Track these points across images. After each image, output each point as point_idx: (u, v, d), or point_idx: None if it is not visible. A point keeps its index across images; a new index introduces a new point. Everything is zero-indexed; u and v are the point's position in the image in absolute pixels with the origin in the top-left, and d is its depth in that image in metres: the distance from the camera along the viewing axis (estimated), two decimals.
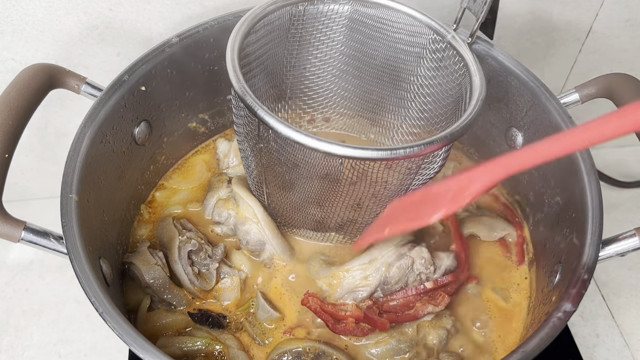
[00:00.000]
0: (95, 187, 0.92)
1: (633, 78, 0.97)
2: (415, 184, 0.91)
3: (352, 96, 1.14)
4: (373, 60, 1.06)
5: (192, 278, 0.99)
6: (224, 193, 1.07)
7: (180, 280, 0.99)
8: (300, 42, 1.03)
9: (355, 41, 1.05)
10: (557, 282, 0.92)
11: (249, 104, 0.77)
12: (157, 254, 1.01)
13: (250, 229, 1.02)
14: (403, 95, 1.06)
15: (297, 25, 1.00)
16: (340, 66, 1.09)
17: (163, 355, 0.73)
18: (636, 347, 1.19)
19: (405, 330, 0.96)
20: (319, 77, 1.10)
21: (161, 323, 0.97)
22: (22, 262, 1.32)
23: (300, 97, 1.12)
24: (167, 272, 0.99)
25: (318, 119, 1.19)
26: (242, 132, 0.90)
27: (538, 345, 0.76)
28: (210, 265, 1.01)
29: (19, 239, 0.81)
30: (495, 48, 1.04)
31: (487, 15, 0.93)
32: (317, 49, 1.06)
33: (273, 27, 0.95)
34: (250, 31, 0.88)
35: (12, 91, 0.88)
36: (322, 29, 1.03)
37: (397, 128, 1.12)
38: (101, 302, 0.77)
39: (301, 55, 1.05)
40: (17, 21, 1.09)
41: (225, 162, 1.17)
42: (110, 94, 0.96)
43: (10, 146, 0.85)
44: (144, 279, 0.97)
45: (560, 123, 0.97)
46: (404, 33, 0.99)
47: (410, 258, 0.97)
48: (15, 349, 1.19)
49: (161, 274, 0.98)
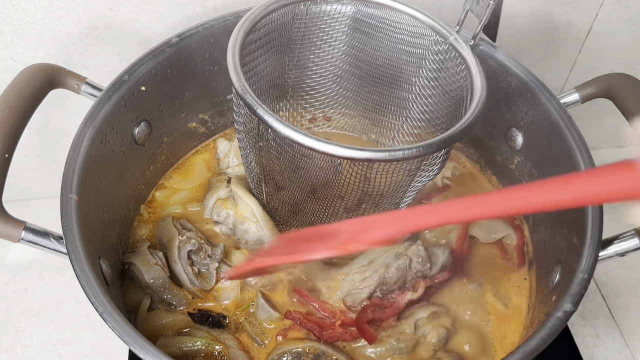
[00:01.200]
0: (95, 187, 0.92)
1: (633, 78, 0.98)
2: (414, 185, 0.92)
3: (354, 96, 1.14)
4: (375, 61, 1.06)
5: (192, 278, 0.99)
6: (223, 193, 1.07)
7: (180, 280, 0.99)
8: (302, 41, 1.03)
9: (358, 41, 1.05)
10: (556, 283, 0.92)
11: (249, 102, 0.77)
12: (157, 254, 1.01)
13: (249, 228, 1.01)
14: (404, 96, 1.06)
15: (300, 24, 1.00)
16: (342, 66, 1.09)
17: (163, 355, 0.73)
18: (636, 347, 1.19)
19: (404, 329, 0.96)
20: (321, 77, 1.10)
21: (161, 323, 0.97)
22: (22, 262, 1.32)
23: (302, 96, 1.12)
24: (167, 272, 0.99)
25: (319, 118, 1.19)
26: (242, 130, 0.90)
27: (538, 345, 0.76)
28: (210, 265, 1.01)
29: (19, 238, 0.81)
30: (498, 50, 1.04)
31: (490, 17, 0.93)
32: (320, 48, 1.06)
33: (275, 26, 0.95)
34: (252, 29, 0.88)
35: (12, 91, 0.88)
36: (325, 28, 1.03)
37: (398, 129, 1.12)
38: (101, 302, 0.77)
39: (303, 55, 1.05)
40: (17, 21, 1.09)
41: (225, 162, 1.17)
42: (110, 94, 0.96)
43: (10, 146, 0.85)
44: (144, 279, 0.97)
45: (560, 123, 0.97)
46: (407, 34, 0.99)
47: (408, 257, 0.97)
48: (15, 349, 1.19)
49: (161, 274, 0.98)
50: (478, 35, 0.97)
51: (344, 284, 0.98)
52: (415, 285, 0.98)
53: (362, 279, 0.97)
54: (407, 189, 0.92)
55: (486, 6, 0.92)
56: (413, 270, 0.97)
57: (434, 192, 1.15)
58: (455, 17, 0.97)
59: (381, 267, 0.97)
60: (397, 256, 0.98)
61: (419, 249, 0.99)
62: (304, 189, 0.91)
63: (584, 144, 0.94)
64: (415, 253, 0.98)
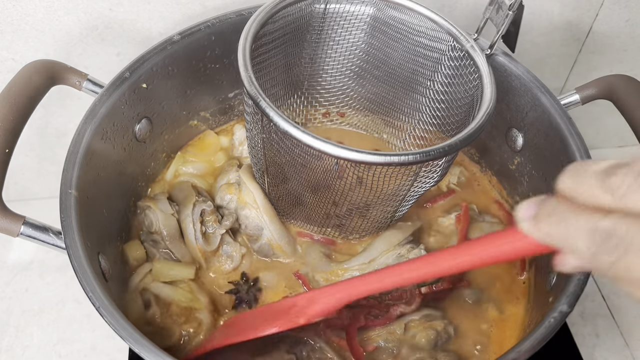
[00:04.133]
0: (95, 183, 0.92)
1: (633, 79, 0.98)
2: (414, 191, 0.91)
3: (369, 94, 1.14)
4: (391, 61, 1.06)
5: (198, 235, 1.00)
6: (233, 177, 1.08)
7: (186, 234, 1.01)
8: (320, 36, 1.03)
9: (377, 40, 1.05)
10: (554, 284, 0.91)
11: (252, 94, 0.77)
12: (174, 206, 1.03)
13: (250, 213, 1.02)
14: (417, 98, 1.06)
15: (318, 20, 1.00)
16: (359, 63, 1.09)
17: (159, 350, 0.73)
18: (636, 347, 1.19)
19: (394, 330, 0.95)
20: (338, 71, 1.10)
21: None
22: (22, 262, 1.32)
23: (317, 90, 1.12)
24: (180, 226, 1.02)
25: (333, 113, 1.19)
26: (249, 120, 0.90)
27: (533, 346, 0.75)
28: (217, 229, 1.02)
29: (18, 233, 0.81)
30: (513, 59, 1.04)
31: (509, 27, 0.94)
32: (338, 44, 1.06)
33: (292, 19, 0.95)
34: (267, 21, 0.88)
35: (14, 87, 0.88)
36: (345, 25, 1.03)
37: (409, 131, 1.11)
38: (98, 297, 0.77)
39: (321, 49, 1.06)
40: (17, 21, 1.09)
41: (239, 150, 1.17)
42: (111, 90, 0.96)
43: (11, 141, 0.85)
44: (158, 225, 1.00)
45: (560, 124, 0.97)
46: (425, 37, 0.99)
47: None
48: (15, 349, 1.19)
49: (174, 225, 1.01)
50: (495, 44, 0.98)
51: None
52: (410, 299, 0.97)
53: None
54: (406, 194, 0.92)
55: (505, 16, 0.92)
56: None
57: (438, 197, 1.15)
58: (466, 21, 0.96)
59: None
60: (399, 258, 0.97)
61: (422, 252, 0.98)
62: (303, 184, 0.91)
63: (584, 145, 0.94)
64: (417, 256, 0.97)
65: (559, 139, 0.97)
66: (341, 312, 0.93)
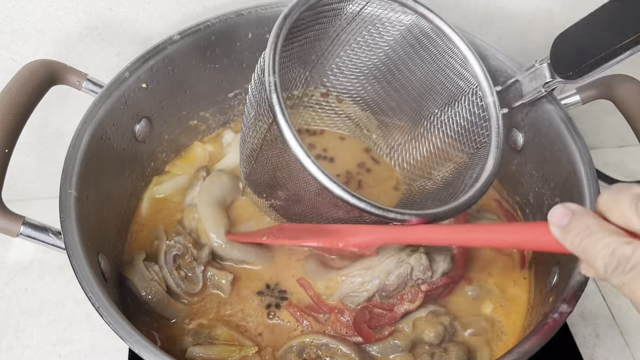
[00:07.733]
0: (95, 183, 0.92)
1: (633, 79, 0.97)
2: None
3: (374, 92, 1.13)
4: (409, 74, 1.05)
5: (178, 281, 0.97)
6: (196, 191, 1.08)
7: (168, 285, 0.97)
8: (343, 33, 1.03)
9: (402, 50, 1.04)
10: (554, 284, 0.91)
11: (272, 102, 0.76)
12: (152, 267, 0.98)
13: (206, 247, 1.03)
14: (420, 120, 1.06)
15: (347, 19, 0.99)
16: (377, 63, 1.08)
17: (159, 351, 0.73)
18: (636, 347, 1.19)
19: (402, 328, 0.96)
20: (352, 63, 1.09)
21: None
22: (21, 262, 1.32)
23: (324, 71, 1.11)
24: (165, 286, 0.97)
25: (332, 96, 1.18)
26: (253, 114, 0.88)
27: (533, 346, 0.76)
28: (197, 268, 0.99)
29: (17, 233, 0.81)
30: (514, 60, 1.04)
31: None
32: (362, 42, 1.05)
33: (318, 17, 0.93)
34: (299, 17, 0.86)
35: (14, 86, 0.88)
36: (378, 27, 1.02)
37: (399, 143, 1.12)
38: (98, 297, 0.77)
39: (339, 44, 1.05)
40: (17, 21, 1.09)
41: (225, 150, 1.18)
42: (111, 90, 0.96)
43: (10, 141, 0.85)
44: (141, 296, 0.95)
45: (560, 124, 0.97)
46: (450, 70, 0.99)
47: (410, 265, 0.95)
48: (15, 349, 1.19)
49: (158, 290, 0.96)
50: (514, 108, 0.98)
51: (342, 286, 0.98)
52: (413, 297, 0.97)
53: (362, 282, 0.97)
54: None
55: (536, 91, 0.93)
56: (414, 279, 0.96)
57: None
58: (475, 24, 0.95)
59: (382, 274, 0.95)
60: (399, 263, 0.96)
61: (422, 257, 0.97)
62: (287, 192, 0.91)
63: (584, 145, 0.94)
64: (418, 261, 0.96)
65: (559, 139, 0.97)
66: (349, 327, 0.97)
